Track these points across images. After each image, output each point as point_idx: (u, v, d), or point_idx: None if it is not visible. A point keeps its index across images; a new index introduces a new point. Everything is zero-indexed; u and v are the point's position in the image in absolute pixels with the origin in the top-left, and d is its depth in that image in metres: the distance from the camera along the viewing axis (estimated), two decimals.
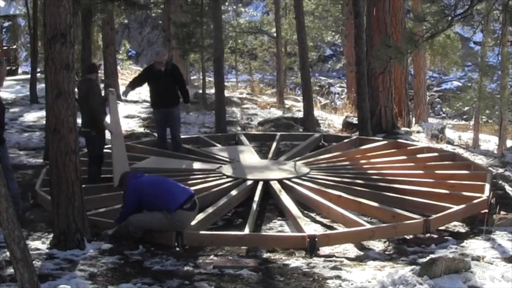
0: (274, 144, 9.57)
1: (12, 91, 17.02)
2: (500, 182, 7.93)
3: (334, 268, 4.97)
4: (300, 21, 12.88)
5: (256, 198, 6.77)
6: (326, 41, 30.43)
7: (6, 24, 26.34)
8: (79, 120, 6.38)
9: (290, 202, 6.59)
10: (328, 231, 6.02)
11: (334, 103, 20.88)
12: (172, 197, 5.73)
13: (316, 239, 5.48)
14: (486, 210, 6.34)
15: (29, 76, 16.37)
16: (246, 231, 5.75)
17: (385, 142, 9.65)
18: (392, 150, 9.11)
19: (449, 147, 10.36)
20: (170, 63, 9.44)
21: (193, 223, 5.91)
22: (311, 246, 5.45)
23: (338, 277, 4.73)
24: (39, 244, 5.50)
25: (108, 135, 7.79)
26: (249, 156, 8.81)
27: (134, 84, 9.17)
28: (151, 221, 5.69)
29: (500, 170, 8.64)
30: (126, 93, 9.19)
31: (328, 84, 32.04)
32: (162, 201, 5.67)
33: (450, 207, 6.22)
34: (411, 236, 5.89)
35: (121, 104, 15.60)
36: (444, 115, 27.62)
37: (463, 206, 6.27)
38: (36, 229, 6.05)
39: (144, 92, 18.68)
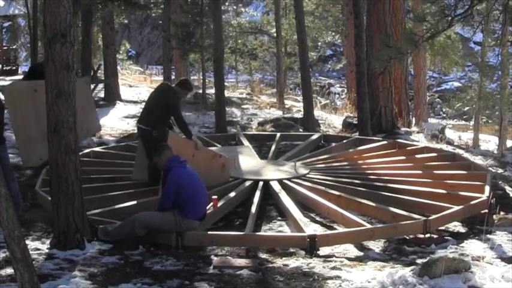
0: (274, 145, 9.57)
1: None
2: (500, 182, 7.93)
3: (334, 268, 4.97)
4: (300, 21, 12.88)
5: (256, 198, 6.77)
6: (326, 41, 30.41)
7: (6, 24, 26.35)
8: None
9: (290, 202, 6.59)
10: (328, 231, 6.02)
11: (334, 103, 20.88)
12: (195, 209, 5.79)
13: (316, 239, 5.48)
14: (486, 211, 6.34)
15: None
16: (246, 231, 5.76)
17: (385, 142, 9.65)
18: (393, 151, 9.11)
19: (449, 148, 10.37)
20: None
21: None
22: (311, 246, 5.45)
23: (338, 277, 4.73)
24: (39, 244, 5.50)
25: None
26: (249, 156, 8.81)
27: None
28: (160, 222, 5.71)
29: (500, 170, 8.64)
30: None
31: (328, 84, 32.04)
32: (185, 205, 5.71)
33: (450, 208, 6.22)
34: (411, 236, 5.89)
35: (121, 104, 15.63)
36: (444, 115, 27.61)
37: (462, 206, 6.28)
38: (36, 229, 6.05)
39: (144, 92, 18.73)
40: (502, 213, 6.32)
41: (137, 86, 20.89)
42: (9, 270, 4.60)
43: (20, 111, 8.07)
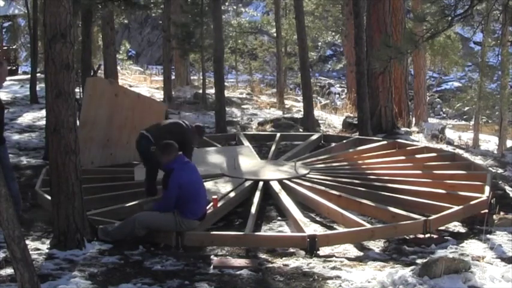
0: (274, 145, 9.57)
1: (11, 91, 17.04)
2: (500, 182, 7.93)
3: (334, 268, 4.97)
4: (300, 21, 12.88)
5: (256, 198, 6.77)
6: (326, 41, 30.40)
7: (6, 24, 26.35)
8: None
9: (290, 202, 6.59)
10: (328, 231, 6.02)
11: (334, 103, 20.88)
12: (195, 209, 5.80)
13: (316, 239, 5.48)
14: (486, 211, 6.34)
15: (29, 76, 16.38)
16: (246, 231, 5.76)
17: (385, 142, 9.65)
18: (392, 151, 9.11)
19: (449, 148, 10.37)
20: None
21: None
22: (311, 246, 5.45)
23: (338, 277, 4.73)
24: (39, 244, 5.50)
25: None
26: (249, 156, 8.81)
27: None
28: (160, 222, 5.71)
29: (500, 170, 8.64)
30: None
31: (328, 84, 32.02)
32: (185, 205, 5.71)
33: (450, 208, 6.22)
34: (411, 236, 5.89)
35: None
36: (444, 115, 27.60)
37: (462, 206, 6.27)
38: (36, 229, 6.05)
39: (144, 92, 18.73)
40: (502, 213, 6.32)
41: (137, 86, 20.88)
42: (9, 270, 4.59)
43: (94, 108, 8.02)
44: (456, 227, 6.33)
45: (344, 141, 9.93)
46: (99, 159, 8.28)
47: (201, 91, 16.62)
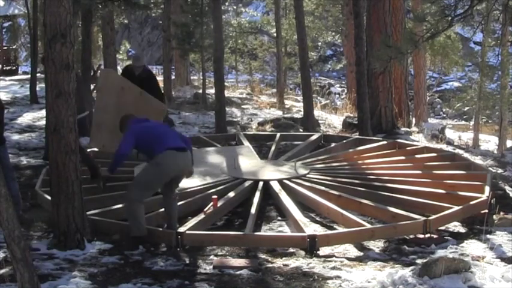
0: (274, 145, 9.57)
1: (11, 91, 17.04)
2: (500, 182, 7.93)
3: (334, 268, 4.97)
4: (300, 21, 12.89)
5: (256, 198, 6.76)
6: (326, 41, 30.41)
7: (6, 24, 26.35)
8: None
9: (290, 202, 6.59)
10: (328, 231, 6.02)
11: (334, 103, 20.88)
12: (164, 143, 5.59)
13: (316, 239, 5.48)
14: (486, 211, 6.34)
15: (29, 76, 16.38)
16: (246, 231, 5.76)
17: (384, 142, 9.65)
18: (392, 151, 9.11)
19: (449, 148, 10.37)
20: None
21: (192, 223, 5.90)
22: (311, 246, 5.45)
23: (338, 277, 4.73)
24: (39, 244, 5.50)
25: None
26: (248, 156, 8.80)
27: None
28: (146, 178, 5.58)
29: (500, 170, 8.64)
30: None
31: (328, 84, 32.02)
32: (151, 147, 5.57)
33: (450, 208, 6.22)
34: (411, 236, 5.89)
35: None
36: (444, 115, 27.60)
37: (462, 206, 6.27)
38: (36, 229, 6.05)
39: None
40: (502, 213, 6.32)
41: None
42: (9, 270, 4.60)
43: (105, 96, 8.38)
44: (456, 227, 6.33)
45: (344, 141, 9.92)
46: (108, 143, 8.50)
47: (201, 91, 16.62)
